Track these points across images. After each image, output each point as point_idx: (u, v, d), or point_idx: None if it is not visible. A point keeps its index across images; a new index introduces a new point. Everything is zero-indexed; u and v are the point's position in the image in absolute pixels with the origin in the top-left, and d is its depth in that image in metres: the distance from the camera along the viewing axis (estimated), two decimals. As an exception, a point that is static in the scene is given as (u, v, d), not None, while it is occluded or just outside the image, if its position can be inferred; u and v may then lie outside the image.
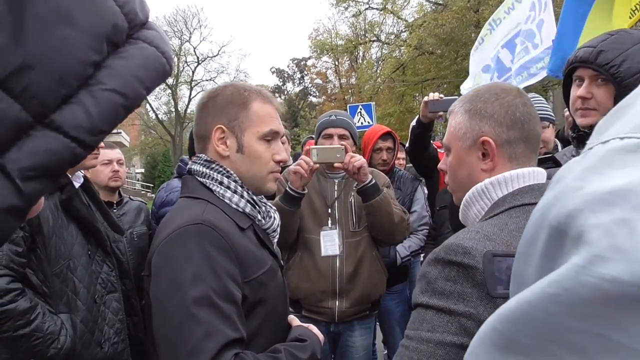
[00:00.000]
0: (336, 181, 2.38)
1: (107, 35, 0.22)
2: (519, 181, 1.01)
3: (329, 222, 2.30)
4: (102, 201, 2.09)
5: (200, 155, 1.36)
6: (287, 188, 2.19)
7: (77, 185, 1.93)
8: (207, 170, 1.31)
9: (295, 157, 3.62)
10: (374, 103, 7.32)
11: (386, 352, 3.45)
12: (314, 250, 2.27)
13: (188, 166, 1.37)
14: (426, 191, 3.19)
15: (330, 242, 2.27)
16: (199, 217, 1.18)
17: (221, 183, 1.29)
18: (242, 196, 1.30)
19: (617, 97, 1.44)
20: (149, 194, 27.32)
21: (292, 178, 2.17)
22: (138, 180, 36.23)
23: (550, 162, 1.56)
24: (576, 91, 1.54)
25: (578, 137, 1.61)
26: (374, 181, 2.23)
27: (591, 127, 1.49)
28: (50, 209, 1.76)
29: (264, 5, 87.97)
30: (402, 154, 3.67)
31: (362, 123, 6.81)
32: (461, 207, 1.11)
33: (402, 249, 2.90)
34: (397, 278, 2.92)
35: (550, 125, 2.33)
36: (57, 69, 0.20)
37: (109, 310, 1.94)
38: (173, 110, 35.41)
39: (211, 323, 1.07)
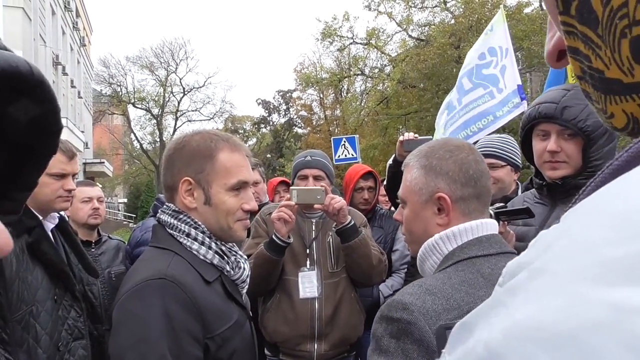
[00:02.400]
0: (314, 221, 2.34)
1: None
2: (467, 234, 1.04)
3: (308, 262, 2.25)
4: (78, 242, 2.03)
5: (169, 205, 1.32)
6: (273, 236, 2.13)
7: (51, 226, 1.87)
8: (175, 222, 1.27)
9: None
10: (357, 136, 7.43)
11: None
12: (291, 292, 2.21)
13: (157, 215, 1.34)
14: None
15: (308, 284, 2.21)
16: (163, 271, 1.14)
17: (188, 235, 1.26)
18: (209, 247, 1.27)
19: (586, 149, 1.51)
20: (131, 224, 26.84)
21: (276, 226, 2.11)
22: (120, 211, 35.63)
23: (525, 215, 1.56)
24: (541, 144, 1.58)
25: (548, 187, 1.62)
26: (353, 222, 2.20)
27: (561, 179, 1.56)
28: (15, 252, 1.68)
29: (250, 38, 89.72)
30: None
31: (345, 155, 6.91)
32: (417, 260, 1.13)
33: (385, 288, 2.86)
34: (379, 318, 2.86)
35: (509, 167, 2.33)
36: None
37: (73, 358, 1.85)
38: (158, 140, 35.24)
39: None
